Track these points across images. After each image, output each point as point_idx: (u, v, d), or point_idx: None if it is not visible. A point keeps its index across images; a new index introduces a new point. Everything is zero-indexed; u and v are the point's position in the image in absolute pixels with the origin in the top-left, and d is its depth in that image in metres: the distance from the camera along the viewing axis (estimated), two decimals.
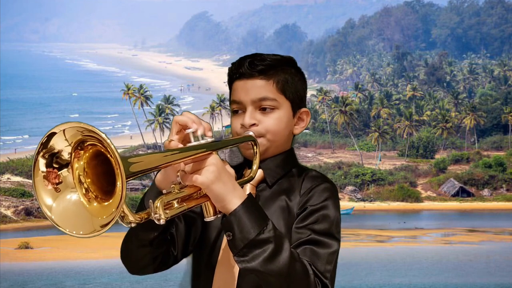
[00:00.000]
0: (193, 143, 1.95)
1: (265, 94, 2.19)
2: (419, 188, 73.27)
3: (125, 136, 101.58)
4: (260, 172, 2.21)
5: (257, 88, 2.19)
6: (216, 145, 1.99)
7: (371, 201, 70.57)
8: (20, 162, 71.80)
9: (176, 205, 1.91)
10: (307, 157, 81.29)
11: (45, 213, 1.73)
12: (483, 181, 72.15)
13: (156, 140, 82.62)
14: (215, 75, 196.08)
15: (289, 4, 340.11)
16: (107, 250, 44.37)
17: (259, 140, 2.19)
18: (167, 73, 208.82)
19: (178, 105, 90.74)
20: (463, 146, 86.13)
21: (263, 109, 2.20)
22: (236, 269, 2.14)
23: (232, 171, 2.02)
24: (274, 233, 1.94)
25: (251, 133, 2.19)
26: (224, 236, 2.11)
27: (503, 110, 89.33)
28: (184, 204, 1.93)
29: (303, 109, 2.27)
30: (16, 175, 69.14)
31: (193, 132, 1.97)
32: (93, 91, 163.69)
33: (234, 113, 2.25)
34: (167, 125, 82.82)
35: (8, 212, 60.92)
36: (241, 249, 1.93)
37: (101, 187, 1.75)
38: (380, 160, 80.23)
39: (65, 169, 1.73)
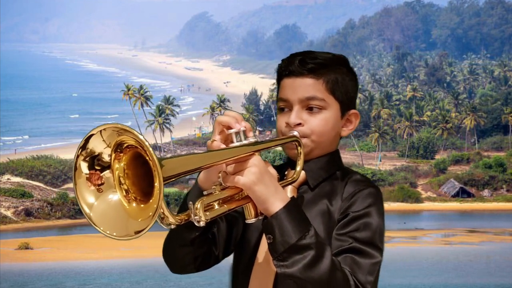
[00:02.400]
0: (236, 143, 1.92)
1: (313, 94, 2.12)
2: (419, 189, 73.27)
3: None
4: (302, 174, 2.14)
5: (306, 87, 2.12)
6: (259, 146, 1.95)
7: None
8: (20, 162, 71.79)
9: (216, 206, 1.89)
10: None
11: (84, 211, 1.74)
12: (483, 181, 72.14)
13: (156, 141, 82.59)
14: (215, 76, 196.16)
15: (289, 5, 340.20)
16: (107, 251, 44.38)
17: (304, 141, 2.12)
18: (167, 74, 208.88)
19: (178, 106, 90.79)
20: (463, 147, 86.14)
21: (310, 109, 2.13)
22: (273, 273, 2.08)
23: (274, 172, 1.98)
24: (316, 239, 1.89)
25: (295, 133, 2.12)
26: (263, 238, 2.09)
27: (503, 111, 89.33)
28: (225, 205, 1.90)
29: (352, 111, 2.19)
30: (16, 175, 69.12)
31: (235, 132, 1.94)
32: (93, 91, 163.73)
33: (280, 111, 2.18)
34: (167, 125, 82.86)
35: (8, 213, 60.89)
36: (281, 253, 1.88)
37: (141, 188, 1.75)
38: (380, 161, 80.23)
39: (107, 171, 1.75)
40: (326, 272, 1.87)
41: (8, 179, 68.19)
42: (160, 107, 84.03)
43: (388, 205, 70.37)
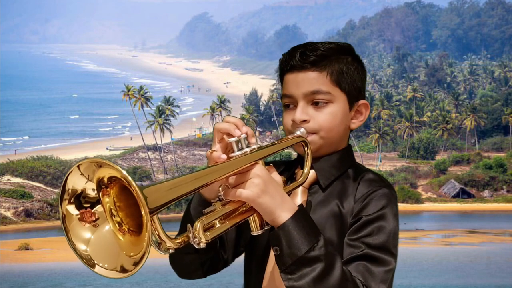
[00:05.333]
0: (237, 153, 1.80)
1: (317, 87, 2.00)
2: (419, 189, 73.22)
3: (125, 137, 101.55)
4: (312, 173, 2.03)
5: (309, 80, 2.00)
6: (261, 154, 1.83)
7: None
8: (20, 163, 71.75)
9: (218, 225, 1.75)
10: None
11: (80, 251, 1.63)
12: (483, 182, 72.08)
13: (156, 141, 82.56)
14: (216, 76, 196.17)
15: (290, 5, 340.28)
16: None
17: (311, 138, 2.01)
18: (167, 74, 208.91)
19: (178, 106, 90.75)
20: (464, 147, 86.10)
21: (315, 104, 2.01)
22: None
23: (279, 179, 1.87)
24: (325, 251, 1.78)
25: (302, 130, 2.00)
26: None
27: (503, 111, 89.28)
28: (227, 222, 1.78)
29: (361, 101, 2.07)
30: (16, 176, 69.10)
31: (236, 141, 1.83)
32: (93, 92, 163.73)
33: (285, 107, 2.06)
34: (167, 126, 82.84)
35: (8, 214, 60.86)
36: (288, 266, 1.77)
37: (134, 218, 1.62)
38: (381, 161, 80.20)
39: (98, 205, 1.63)
40: (335, 284, 1.77)
41: (8, 179, 68.17)
42: (160, 108, 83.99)
43: None
